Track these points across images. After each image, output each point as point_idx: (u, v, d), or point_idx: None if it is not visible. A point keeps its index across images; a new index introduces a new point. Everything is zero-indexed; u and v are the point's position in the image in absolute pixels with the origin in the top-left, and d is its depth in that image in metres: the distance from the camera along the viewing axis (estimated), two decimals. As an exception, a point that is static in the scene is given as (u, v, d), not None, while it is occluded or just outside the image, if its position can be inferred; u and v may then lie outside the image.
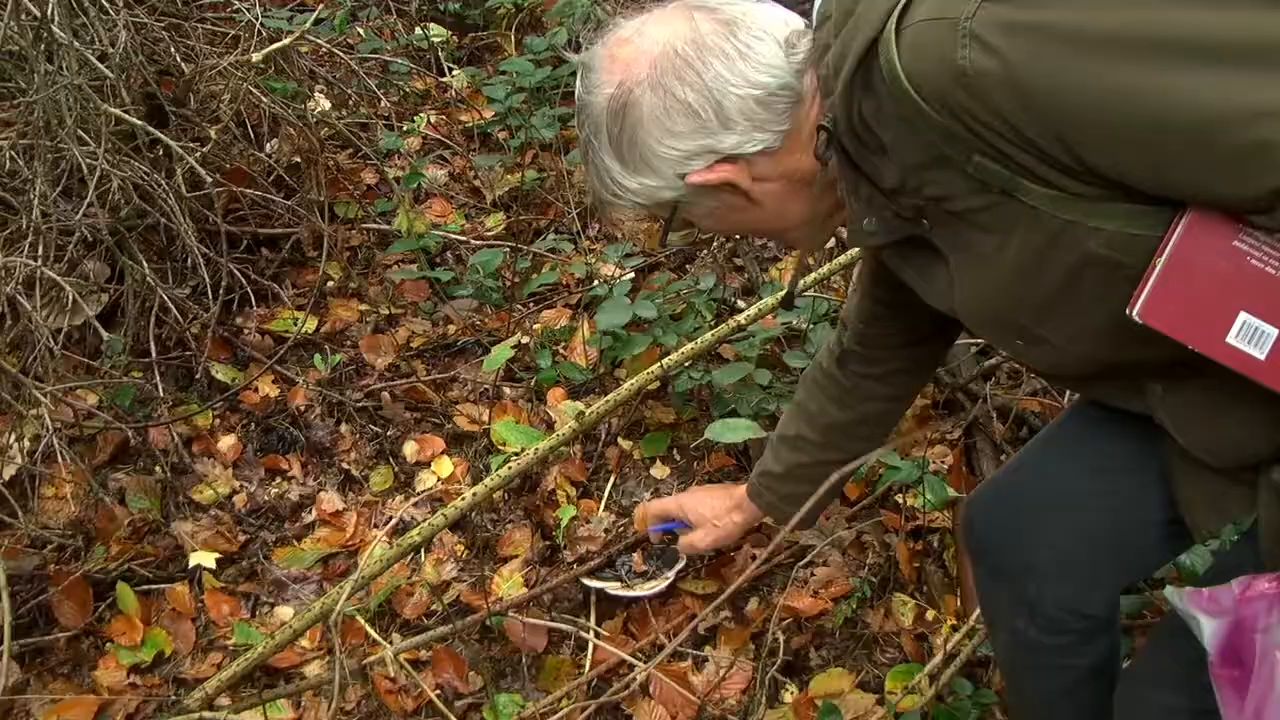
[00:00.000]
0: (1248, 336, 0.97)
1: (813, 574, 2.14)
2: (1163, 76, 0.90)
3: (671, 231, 1.32)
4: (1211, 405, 1.11)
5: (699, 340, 2.28)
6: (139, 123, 2.17)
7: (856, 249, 2.16)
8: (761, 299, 2.43)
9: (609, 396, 2.21)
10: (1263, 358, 0.97)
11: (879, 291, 1.49)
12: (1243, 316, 0.97)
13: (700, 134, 1.16)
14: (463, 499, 2.00)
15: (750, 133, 1.16)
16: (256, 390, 2.48)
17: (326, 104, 3.01)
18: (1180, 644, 1.21)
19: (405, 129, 3.10)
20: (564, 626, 2.02)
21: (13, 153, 2.10)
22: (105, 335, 2.00)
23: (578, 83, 1.24)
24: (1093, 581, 1.43)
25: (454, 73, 3.36)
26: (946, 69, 0.97)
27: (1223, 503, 1.21)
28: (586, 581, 2.06)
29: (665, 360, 2.26)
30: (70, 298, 2.00)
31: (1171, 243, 0.96)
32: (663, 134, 1.17)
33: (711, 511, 1.88)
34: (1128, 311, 1.00)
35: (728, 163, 1.18)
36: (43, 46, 2.02)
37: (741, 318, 2.34)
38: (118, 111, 2.14)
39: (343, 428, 2.43)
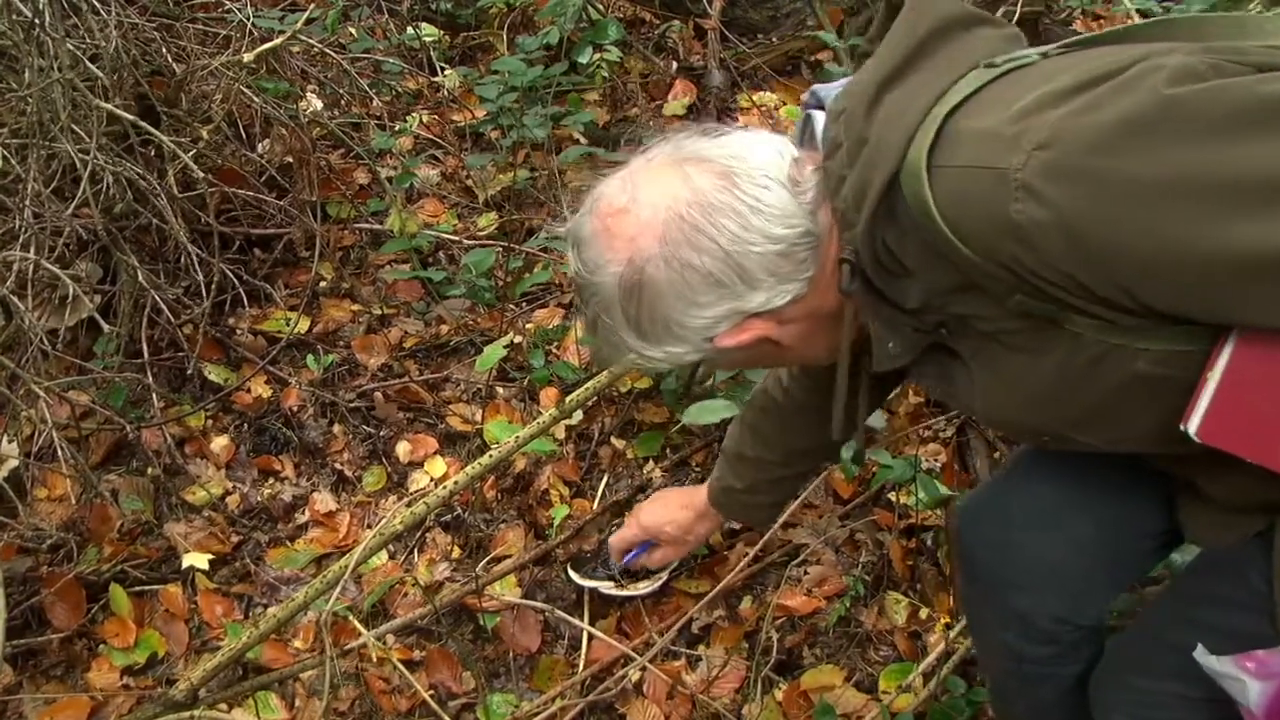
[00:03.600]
0: None
1: (806, 573, 2.15)
2: (1226, 221, 0.87)
3: (695, 381, 1.28)
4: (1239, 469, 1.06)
5: None
6: (129, 116, 2.16)
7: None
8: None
9: (588, 385, 2.15)
10: None
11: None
12: None
13: (726, 299, 1.10)
14: (443, 488, 1.97)
15: (777, 286, 1.10)
16: (249, 391, 2.47)
17: (318, 104, 3.00)
18: (1172, 634, 1.21)
19: (397, 129, 3.08)
20: (548, 607, 2.02)
21: (4, 151, 2.09)
22: (105, 326, 1.99)
23: (571, 258, 1.16)
24: (1086, 592, 1.41)
25: (446, 72, 3.35)
26: (998, 223, 0.93)
27: (1233, 523, 1.19)
28: (580, 581, 2.05)
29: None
30: (60, 299, 2.00)
31: (1224, 362, 0.95)
32: (686, 306, 1.10)
33: (676, 529, 1.87)
34: (1182, 427, 0.98)
35: (756, 319, 1.13)
36: (34, 46, 2.01)
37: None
38: (110, 106, 2.13)
39: (335, 428, 2.43)
